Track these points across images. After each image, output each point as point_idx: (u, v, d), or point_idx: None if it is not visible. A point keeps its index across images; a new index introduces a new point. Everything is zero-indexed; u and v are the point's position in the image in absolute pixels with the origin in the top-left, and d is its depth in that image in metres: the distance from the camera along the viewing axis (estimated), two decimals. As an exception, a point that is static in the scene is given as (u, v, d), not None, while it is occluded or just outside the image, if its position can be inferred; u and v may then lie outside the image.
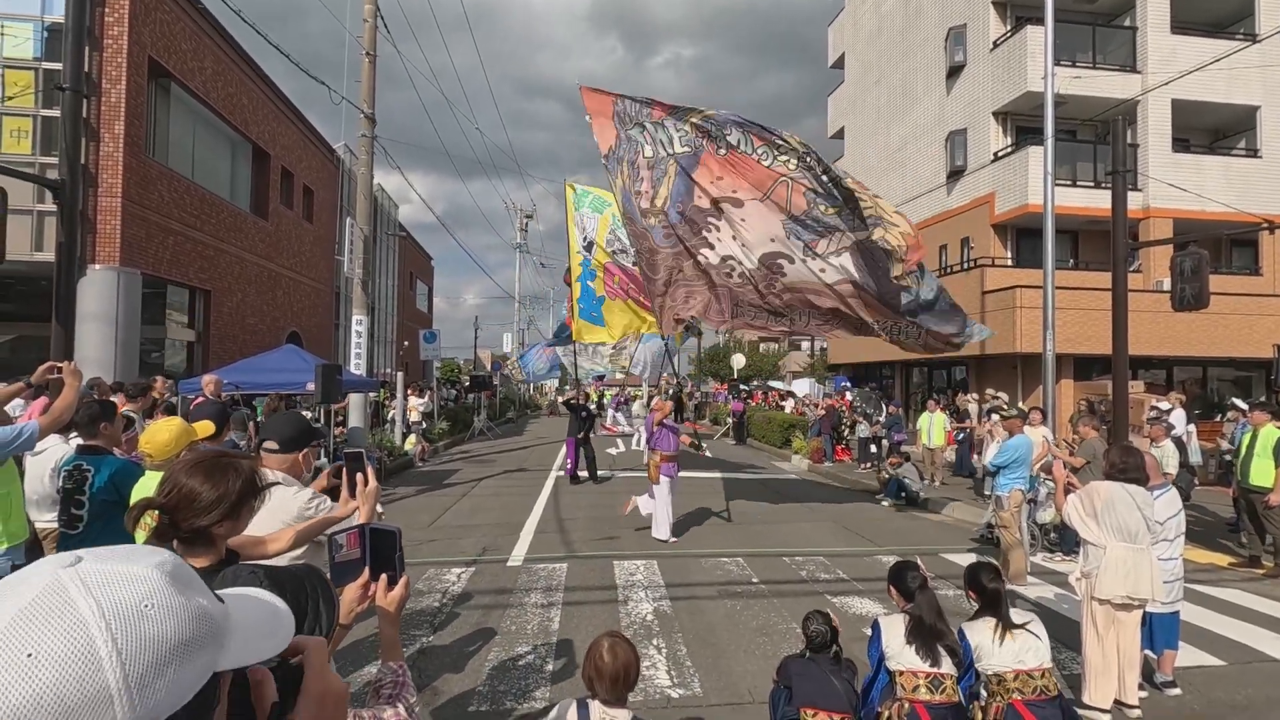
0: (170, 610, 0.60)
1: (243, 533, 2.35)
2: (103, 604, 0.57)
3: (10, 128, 10.76)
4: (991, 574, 3.09)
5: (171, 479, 1.71)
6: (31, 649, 0.54)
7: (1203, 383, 17.57)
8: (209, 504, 1.67)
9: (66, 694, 0.53)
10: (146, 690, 0.57)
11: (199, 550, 1.72)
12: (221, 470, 1.73)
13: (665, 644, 4.70)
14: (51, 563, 0.60)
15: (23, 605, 0.56)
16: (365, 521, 2.17)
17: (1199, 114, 17.78)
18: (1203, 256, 7.56)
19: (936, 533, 8.73)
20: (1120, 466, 3.86)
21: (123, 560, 0.62)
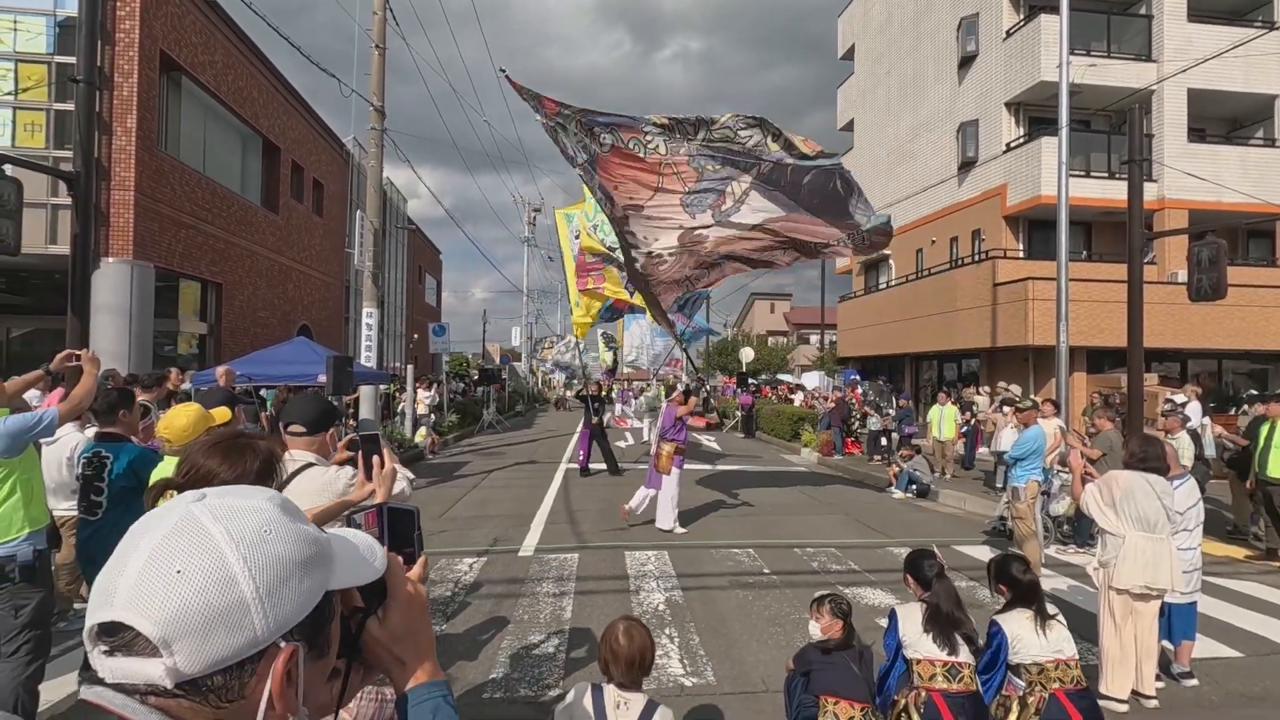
0: (285, 534, 0.68)
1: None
2: (230, 530, 0.65)
3: (24, 121, 10.84)
4: (1023, 566, 3.06)
5: (190, 459, 1.72)
6: (180, 566, 0.62)
7: (1218, 376, 17.39)
8: (227, 484, 1.68)
9: (211, 602, 0.62)
10: (275, 601, 0.65)
11: None
12: (239, 450, 1.73)
13: (678, 633, 4.70)
14: (181, 500, 0.69)
15: (165, 532, 0.65)
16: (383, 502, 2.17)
17: (1216, 103, 17.53)
18: (1220, 246, 7.47)
19: (948, 525, 8.69)
20: (1141, 455, 3.83)
21: (240, 495, 0.71)
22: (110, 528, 3.46)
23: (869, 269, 25.69)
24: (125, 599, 0.61)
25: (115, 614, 0.62)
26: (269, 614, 0.64)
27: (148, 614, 0.61)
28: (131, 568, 0.63)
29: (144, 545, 0.64)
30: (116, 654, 0.62)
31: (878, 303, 23.39)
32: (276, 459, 1.80)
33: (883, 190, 23.95)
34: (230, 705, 0.64)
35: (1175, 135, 16.86)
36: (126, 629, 0.61)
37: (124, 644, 0.62)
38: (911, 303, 20.52)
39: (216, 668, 0.62)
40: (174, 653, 0.61)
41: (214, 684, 0.63)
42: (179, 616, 0.61)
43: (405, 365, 18.85)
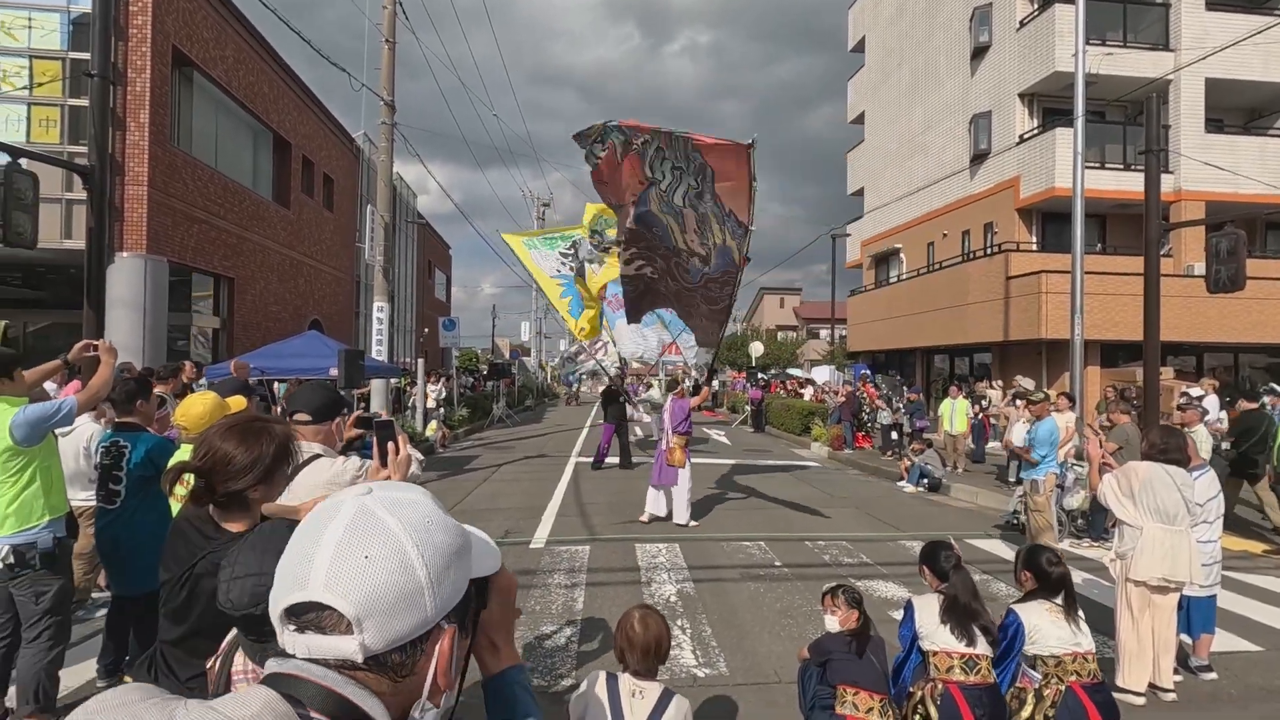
0: (444, 525, 0.75)
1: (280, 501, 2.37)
2: (402, 520, 0.72)
3: (38, 117, 10.93)
4: (1054, 557, 3.03)
5: (206, 443, 1.72)
6: (367, 553, 0.69)
7: (1234, 370, 17.18)
8: (243, 467, 1.68)
9: (396, 585, 0.68)
10: (440, 585, 0.72)
11: (234, 514, 1.73)
12: (255, 434, 1.73)
13: (690, 624, 4.70)
14: (350, 493, 0.75)
15: (346, 523, 0.70)
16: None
17: (1234, 93, 17.28)
18: (1239, 237, 7.36)
19: (960, 519, 8.64)
20: (1161, 447, 3.78)
21: (399, 490, 0.77)
22: (129, 516, 3.49)
23: (879, 263, 25.54)
24: (322, 583, 0.67)
25: (312, 595, 0.67)
26: (437, 597, 0.71)
27: (345, 595, 0.66)
28: (321, 555, 0.68)
29: (327, 535, 0.69)
30: (308, 631, 0.69)
31: (888, 297, 23.25)
32: (293, 442, 1.80)
33: (893, 183, 23.79)
34: (403, 680, 0.71)
35: (1193, 125, 16.64)
36: (323, 609, 0.67)
37: (316, 623, 0.68)
38: (922, 297, 20.38)
39: (396, 644, 0.69)
40: (364, 630, 0.67)
41: (392, 660, 0.70)
42: (371, 597, 0.67)
43: (415, 360, 18.93)
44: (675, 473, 7.73)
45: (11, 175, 5.57)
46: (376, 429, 2.24)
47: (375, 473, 2.23)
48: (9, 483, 3.01)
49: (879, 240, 24.89)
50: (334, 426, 2.58)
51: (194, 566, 1.72)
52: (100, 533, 3.52)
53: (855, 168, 27.51)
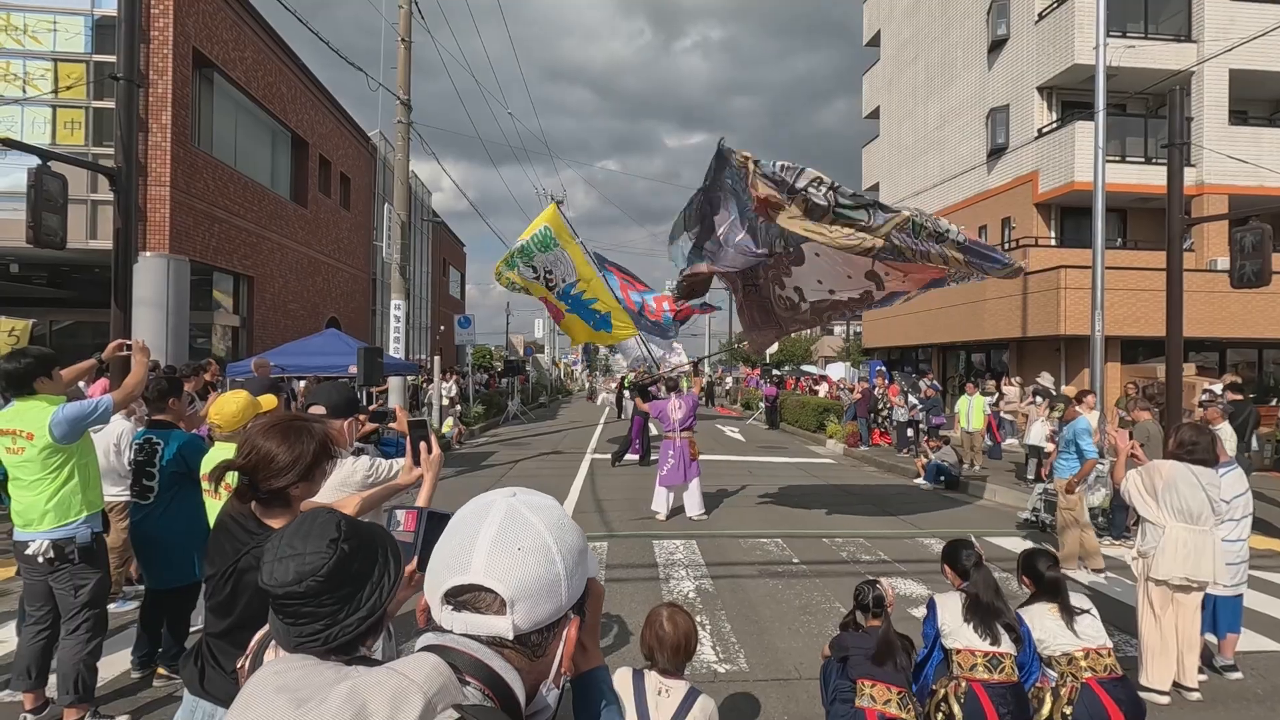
0: (573, 527, 0.86)
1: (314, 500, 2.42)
2: (545, 521, 0.83)
3: (64, 119, 11.12)
4: (1049, 561, 3.03)
5: (249, 441, 1.77)
6: (519, 545, 0.80)
7: (1258, 366, 16.92)
8: (285, 465, 1.73)
9: (542, 575, 0.79)
10: (572, 579, 0.82)
11: (276, 511, 1.78)
12: (296, 433, 1.78)
13: (709, 620, 4.73)
14: (499, 495, 0.86)
15: (499, 520, 0.82)
16: (431, 489, 2.21)
17: (1259, 84, 16.97)
18: (1265, 231, 7.25)
19: (979, 516, 8.60)
20: (1189, 446, 3.74)
21: (538, 495, 0.88)
22: (161, 511, 3.57)
23: (895, 258, 25.35)
24: (482, 569, 0.78)
25: (473, 579, 0.78)
26: (570, 588, 0.82)
27: (502, 580, 0.77)
28: (480, 546, 0.79)
29: (484, 530, 0.81)
30: (464, 611, 0.79)
31: (904, 293, 23.06)
32: (333, 441, 1.85)
33: (910, 178, 23.60)
34: (537, 661, 0.82)
35: (1216, 118, 16.37)
36: (483, 591, 0.78)
37: (473, 603, 0.79)
38: (939, 292, 20.11)
39: (537, 627, 0.80)
40: (515, 611, 0.78)
41: (532, 640, 0.81)
42: (523, 583, 0.78)
43: (431, 357, 19.07)
44: (696, 466, 7.87)
45: (42, 177, 5.68)
46: (410, 428, 2.30)
47: (408, 470, 2.29)
48: (48, 479, 3.09)
49: (894, 236, 24.72)
50: (346, 426, 2.64)
51: (238, 561, 1.77)
52: (134, 528, 3.61)
53: (870, 163, 27.31)
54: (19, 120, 10.88)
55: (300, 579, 1.15)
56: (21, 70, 10.94)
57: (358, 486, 2.59)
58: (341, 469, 2.58)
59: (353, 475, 2.61)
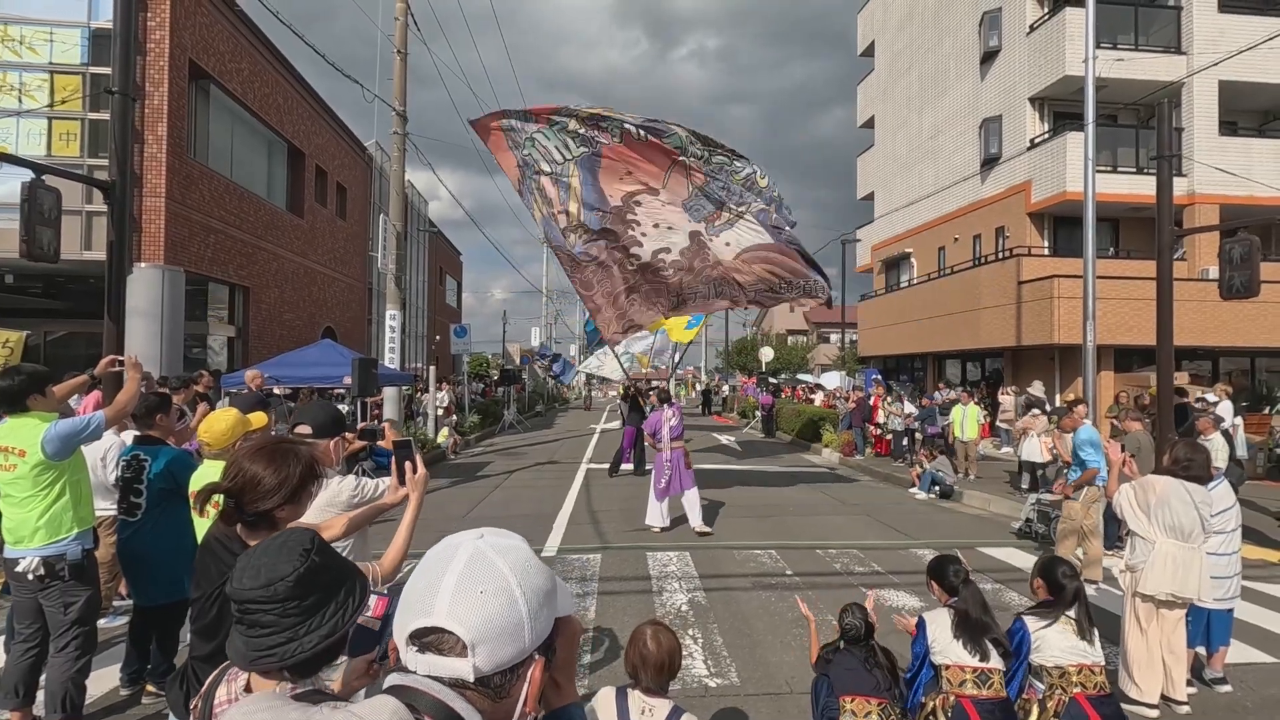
0: (540, 569, 0.87)
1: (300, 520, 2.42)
2: (509, 563, 0.84)
3: (59, 131, 11.14)
4: (1069, 571, 3.04)
5: (236, 464, 1.78)
6: (482, 589, 0.81)
7: (1250, 374, 17.00)
8: (271, 488, 1.74)
9: (505, 617, 0.80)
10: (536, 621, 0.83)
11: (262, 533, 1.79)
12: (283, 455, 1.79)
13: (701, 634, 4.73)
14: (467, 537, 0.88)
15: (465, 561, 0.83)
16: (416, 509, 2.21)
17: (1248, 95, 17.13)
18: (1254, 243, 7.31)
19: (973, 526, 8.61)
20: (1184, 463, 3.76)
21: (505, 537, 0.90)
22: (149, 528, 3.57)
23: (890, 268, 25.48)
24: (445, 611, 0.79)
25: (436, 621, 0.79)
26: (533, 630, 0.83)
27: (464, 623, 0.79)
28: (445, 589, 0.81)
29: (449, 573, 0.82)
30: (428, 652, 0.80)
31: (899, 301, 23.17)
32: (319, 464, 1.86)
33: (904, 187, 23.74)
34: (500, 702, 0.83)
35: (1206, 128, 16.51)
36: (445, 633, 0.79)
37: (436, 645, 0.80)
38: (934, 301, 20.31)
39: (499, 669, 0.81)
40: (476, 654, 0.79)
41: (495, 682, 0.82)
42: (485, 626, 0.79)
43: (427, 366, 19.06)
44: (691, 475, 7.82)
45: (35, 191, 5.69)
46: (395, 449, 2.30)
47: (394, 490, 2.30)
48: (40, 496, 3.10)
49: (889, 245, 24.83)
50: (331, 445, 2.65)
51: (223, 584, 1.78)
52: (122, 545, 3.60)
53: (865, 172, 27.47)
54: (15, 132, 10.91)
55: (269, 583, 1.19)
56: (18, 81, 10.98)
57: (344, 507, 2.61)
58: (328, 489, 2.58)
59: (338, 495, 2.63)
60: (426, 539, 4.51)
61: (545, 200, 8.49)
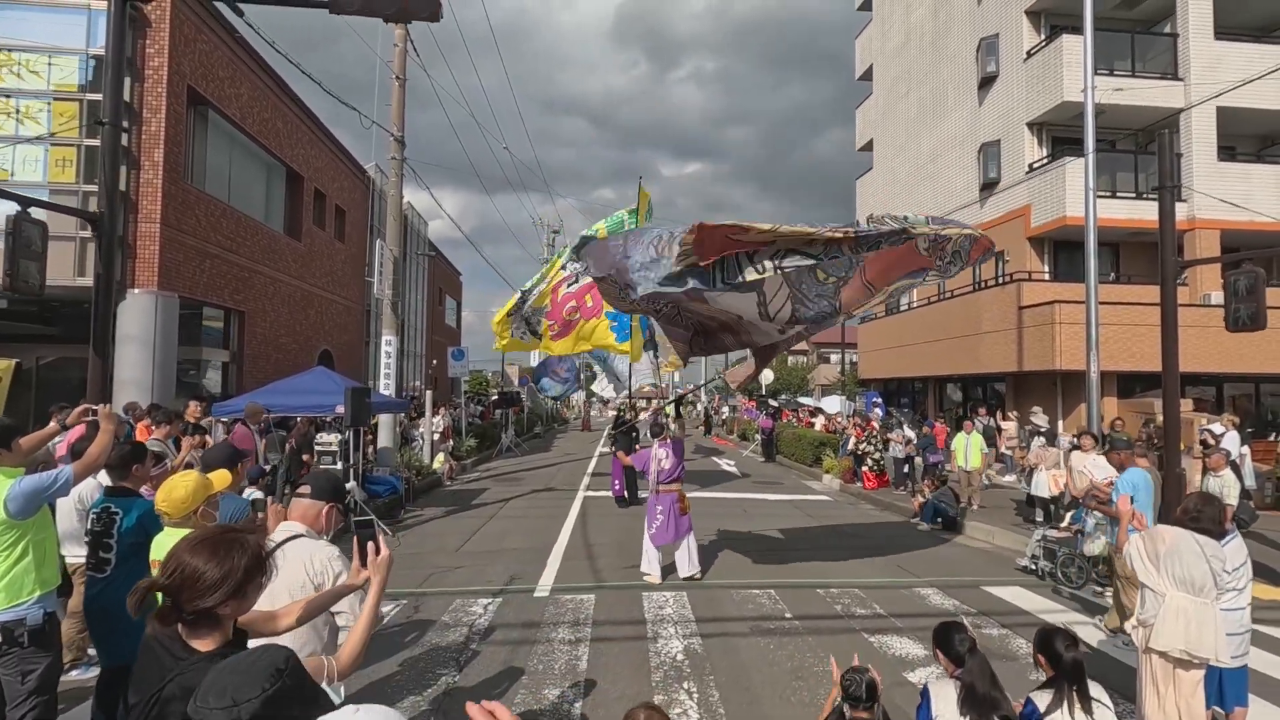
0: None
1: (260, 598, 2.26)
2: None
3: (55, 157, 11.10)
4: (1068, 641, 2.87)
5: (175, 558, 1.64)
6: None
7: (1255, 400, 16.85)
8: (213, 583, 1.59)
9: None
10: None
11: (203, 632, 1.64)
12: (227, 547, 1.65)
13: (697, 687, 4.54)
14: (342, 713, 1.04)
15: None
16: (379, 593, 2.06)
17: (1246, 121, 17.18)
18: (1259, 275, 7.20)
19: (977, 561, 8.42)
20: (1194, 515, 3.61)
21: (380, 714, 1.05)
22: (119, 584, 3.40)
23: (890, 289, 25.40)
24: None
25: None
26: None
27: None
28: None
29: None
30: None
31: (900, 324, 23.09)
32: (266, 553, 1.72)
33: (903, 211, 23.72)
34: None
35: (1205, 154, 16.52)
36: None
37: None
38: (935, 325, 20.21)
39: None
40: None
41: None
42: None
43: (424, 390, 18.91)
44: (688, 521, 7.27)
45: (20, 225, 5.60)
46: (356, 528, 2.16)
47: (356, 573, 2.14)
48: (0, 557, 2.95)
49: (889, 267, 24.80)
50: (324, 511, 2.52)
51: (162, 689, 1.63)
52: (89, 603, 3.44)
53: (865, 195, 27.53)
54: (11, 157, 10.88)
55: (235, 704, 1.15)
56: (16, 107, 10.96)
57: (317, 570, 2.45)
58: (314, 560, 2.43)
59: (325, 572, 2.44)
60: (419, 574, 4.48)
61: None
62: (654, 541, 7.24)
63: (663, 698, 4.38)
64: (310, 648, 2.38)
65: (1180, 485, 7.75)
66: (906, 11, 23.71)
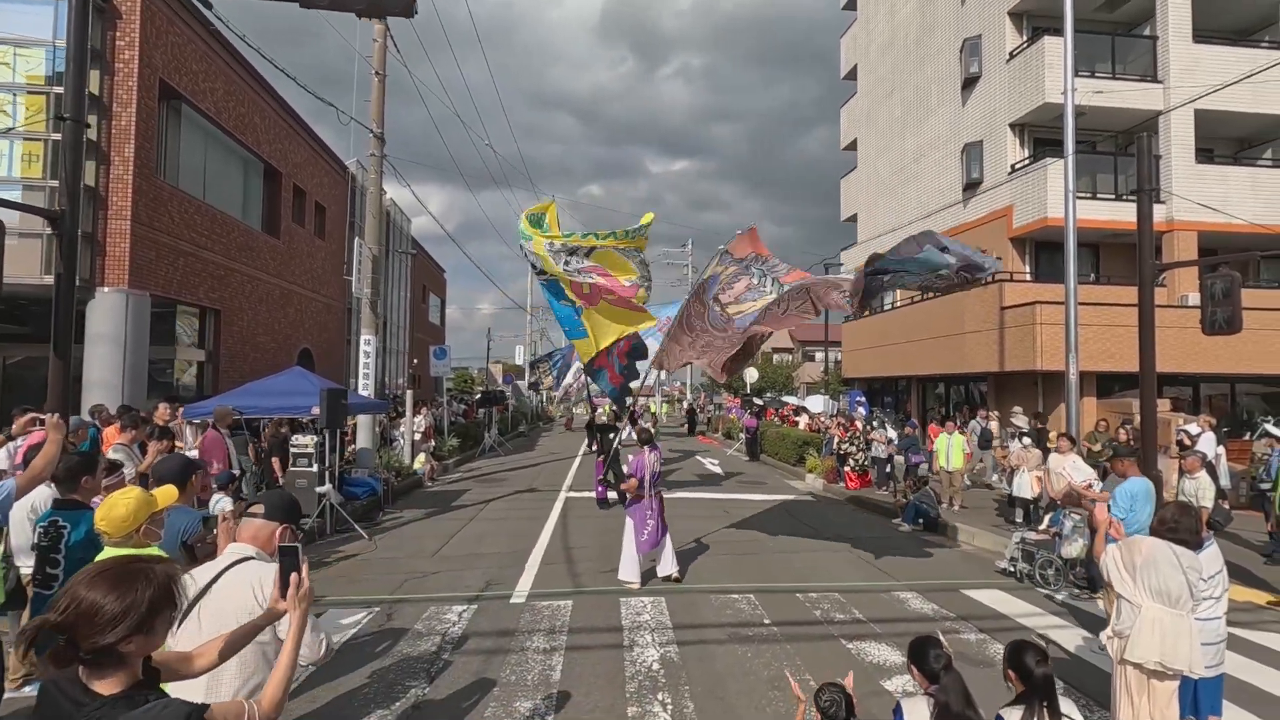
0: None
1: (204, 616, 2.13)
2: None
3: (22, 151, 10.82)
4: (1038, 656, 2.83)
5: (70, 592, 1.49)
6: None
7: (1231, 400, 17.06)
8: (113, 618, 1.45)
9: None
10: None
11: (107, 672, 1.49)
12: (130, 578, 1.51)
13: (672, 699, 4.47)
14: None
15: None
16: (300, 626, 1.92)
17: (1224, 124, 17.35)
18: (1235, 279, 7.25)
19: (957, 563, 8.42)
20: (1171, 525, 3.59)
21: None
22: (67, 602, 3.27)
23: (874, 289, 25.47)
24: None
25: None
26: None
27: None
28: None
29: None
30: None
31: (883, 324, 23.17)
32: (175, 583, 1.58)
33: (887, 210, 23.83)
34: None
35: (1183, 157, 16.68)
36: None
37: None
38: (918, 325, 20.30)
39: None
40: None
41: None
42: None
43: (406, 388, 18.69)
44: (665, 523, 7.27)
45: (-25, 223, 5.40)
46: (280, 555, 2.00)
47: (274, 602, 2.00)
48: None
49: (873, 266, 24.85)
50: (278, 531, 2.41)
51: None
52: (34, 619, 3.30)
53: (849, 194, 27.59)
54: (-22, 151, 10.58)
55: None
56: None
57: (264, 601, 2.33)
58: (260, 569, 2.32)
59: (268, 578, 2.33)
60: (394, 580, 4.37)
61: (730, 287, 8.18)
62: (642, 549, 7.11)
63: (636, 709, 4.30)
64: (259, 677, 2.27)
65: (1157, 486, 7.79)
66: (891, 11, 23.75)
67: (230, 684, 2.24)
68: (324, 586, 6.82)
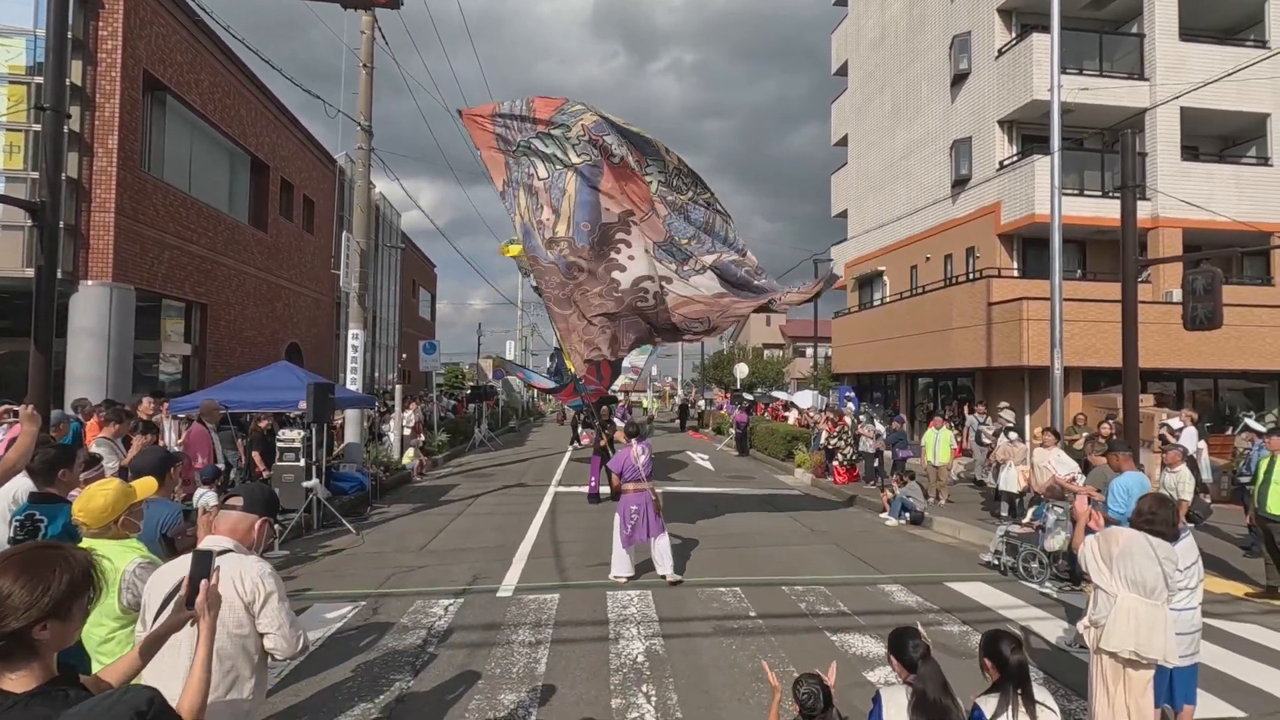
0: None
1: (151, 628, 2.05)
2: None
3: (4, 142, 10.68)
4: (1013, 644, 2.87)
5: None
6: None
7: (1214, 395, 17.26)
8: (22, 605, 1.39)
9: None
10: None
11: (18, 663, 1.42)
12: (45, 563, 1.45)
13: (655, 691, 4.49)
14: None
15: None
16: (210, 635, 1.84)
17: (1208, 122, 17.51)
18: (1216, 275, 7.33)
19: (942, 556, 8.49)
20: (1148, 517, 3.63)
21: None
22: (45, 595, 3.25)
23: (863, 285, 25.60)
24: None
25: None
26: None
27: None
28: None
29: None
30: None
31: (872, 320, 23.27)
32: (94, 569, 1.53)
33: (876, 206, 23.90)
34: None
35: (1169, 154, 16.82)
36: None
37: None
38: (906, 320, 20.40)
39: None
40: None
41: None
42: None
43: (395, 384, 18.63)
44: (660, 521, 7.13)
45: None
46: (193, 560, 1.95)
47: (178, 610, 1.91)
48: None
49: (862, 262, 24.97)
50: (255, 525, 2.40)
51: None
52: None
53: (839, 190, 27.66)
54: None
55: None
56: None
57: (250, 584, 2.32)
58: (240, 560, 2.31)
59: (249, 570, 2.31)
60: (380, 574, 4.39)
61: (534, 205, 8.14)
62: (628, 543, 7.05)
63: (620, 701, 4.32)
64: (237, 671, 2.26)
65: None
66: (882, 7, 23.79)
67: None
68: (310, 581, 6.80)
